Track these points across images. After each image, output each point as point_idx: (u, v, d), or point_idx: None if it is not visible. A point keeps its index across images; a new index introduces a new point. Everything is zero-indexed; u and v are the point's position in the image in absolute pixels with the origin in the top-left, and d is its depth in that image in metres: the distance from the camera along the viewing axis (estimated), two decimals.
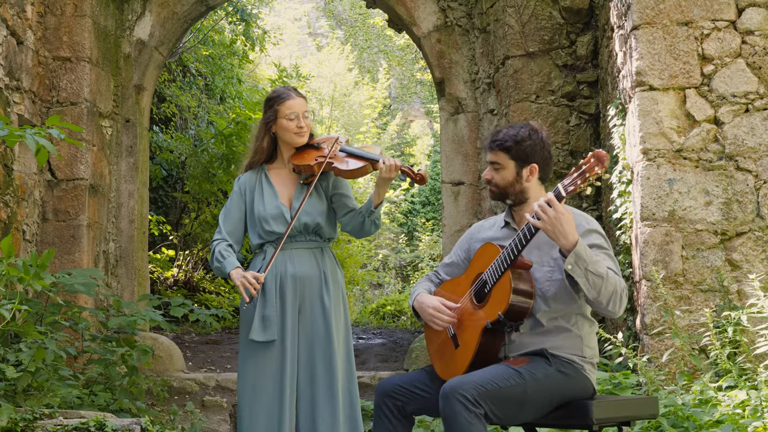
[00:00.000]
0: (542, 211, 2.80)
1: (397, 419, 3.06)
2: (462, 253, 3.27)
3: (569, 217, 2.81)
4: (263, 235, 3.66)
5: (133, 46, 6.76)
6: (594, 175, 2.76)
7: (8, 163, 5.43)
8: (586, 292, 2.86)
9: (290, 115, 3.65)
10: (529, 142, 3.06)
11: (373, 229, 3.68)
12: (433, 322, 3.08)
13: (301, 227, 3.64)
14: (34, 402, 4.10)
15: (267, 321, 3.58)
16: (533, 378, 2.88)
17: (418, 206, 17.69)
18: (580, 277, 2.83)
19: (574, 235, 2.81)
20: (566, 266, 2.82)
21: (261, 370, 3.59)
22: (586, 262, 2.81)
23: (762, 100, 4.65)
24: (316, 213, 3.66)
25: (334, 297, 3.66)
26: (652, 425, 3.86)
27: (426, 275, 3.37)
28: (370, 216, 3.63)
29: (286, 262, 3.64)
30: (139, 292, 6.66)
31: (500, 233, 3.15)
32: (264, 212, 3.65)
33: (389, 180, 3.59)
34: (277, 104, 3.67)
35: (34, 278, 3.76)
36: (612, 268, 2.93)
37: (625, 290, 2.91)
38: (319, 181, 3.70)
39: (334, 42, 21.44)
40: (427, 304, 3.11)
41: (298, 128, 3.66)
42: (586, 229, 3.00)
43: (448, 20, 6.76)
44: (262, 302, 3.60)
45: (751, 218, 4.60)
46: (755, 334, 4.32)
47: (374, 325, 11.39)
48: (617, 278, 2.90)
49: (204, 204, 10.26)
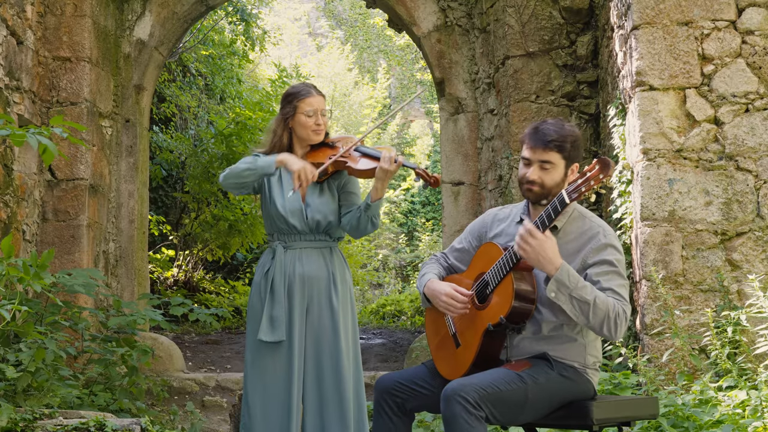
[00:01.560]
0: (524, 241, 2.77)
1: (397, 416, 3.04)
2: (474, 240, 3.20)
3: (551, 243, 2.77)
4: (278, 224, 3.65)
5: (133, 46, 6.76)
6: (598, 183, 2.70)
7: (8, 163, 5.42)
8: (574, 318, 2.81)
9: (309, 112, 3.63)
10: (577, 141, 2.98)
11: (369, 227, 3.62)
12: (447, 309, 3.02)
13: (313, 225, 3.63)
14: (34, 402, 4.10)
15: (275, 321, 3.56)
16: (534, 382, 2.86)
17: (418, 206, 17.69)
18: (564, 303, 2.79)
19: (557, 261, 2.77)
20: (548, 293, 2.78)
21: (269, 370, 3.58)
22: (569, 288, 2.77)
23: (762, 100, 4.65)
24: (328, 211, 3.64)
25: (342, 297, 3.65)
26: (652, 425, 3.86)
27: (434, 256, 3.30)
28: (367, 211, 3.58)
29: (295, 262, 3.62)
30: (139, 292, 6.66)
31: (515, 229, 3.05)
32: (284, 207, 3.63)
33: (387, 174, 3.51)
34: (297, 100, 3.65)
35: (34, 278, 3.75)
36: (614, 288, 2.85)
37: (621, 314, 2.81)
38: (332, 179, 3.69)
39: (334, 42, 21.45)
40: (440, 291, 3.04)
41: (316, 125, 3.65)
42: (603, 243, 2.92)
43: (448, 20, 6.76)
44: (270, 302, 3.58)
45: (751, 218, 4.60)
46: (755, 334, 4.32)
47: (374, 325, 11.39)
48: (612, 302, 2.81)
49: (204, 204, 10.26)
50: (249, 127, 9.65)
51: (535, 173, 2.96)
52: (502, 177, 6.24)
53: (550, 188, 2.95)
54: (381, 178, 3.53)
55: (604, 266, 2.89)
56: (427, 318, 3.24)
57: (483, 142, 6.65)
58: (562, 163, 2.95)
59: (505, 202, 6.12)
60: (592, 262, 2.90)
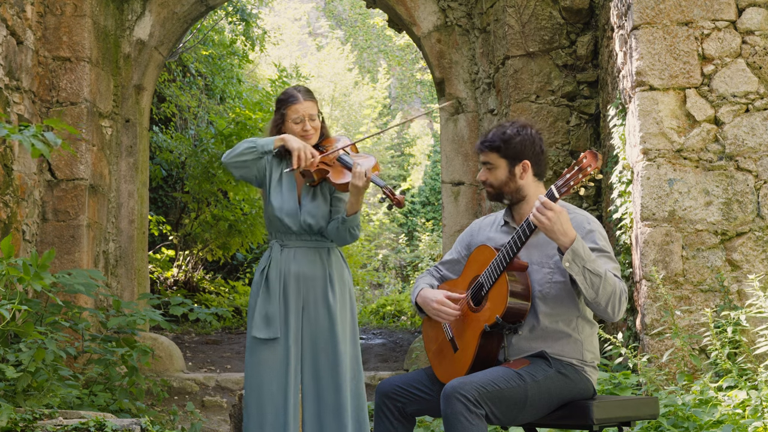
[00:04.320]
0: (540, 213, 2.80)
1: (398, 420, 3.06)
2: (463, 249, 3.25)
3: (566, 215, 2.81)
4: (275, 226, 3.67)
5: (133, 46, 6.76)
6: (587, 176, 2.74)
7: (8, 163, 5.42)
8: (584, 292, 2.85)
9: (296, 119, 3.66)
10: (518, 138, 3.04)
11: (348, 238, 3.64)
12: (438, 316, 3.05)
13: (306, 227, 3.64)
14: (33, 402, 4.10)
15: (270, 318, 3.58)
16: (533, 380, 2.88)
17: (418, 206, 17.69)
18: (577, 275, 2.82)
19: (572, 232, 2.81)
20: (564, 263, 2.82)
21: (265, 368, 3.59)
22: (584, 259, 2.81)
23: (762, 100, 4.65)
24: (319, 216, 3.66)
25: (340, 297, 3.66)
26: (652, 425, 3.86)
27: (427, 270, 3.35)
28: (344, 224, 3.60)
29: (290, 261, 3.64)
30: (138, 292, 6.66)
31: (500, 232, 3.14)
32: (282, 208, 3.65)
33: (359, 188, 3.53)
34: (284, 108, 3.69)
35: (34, 278, 3.76)
36: (611, 270, 2.92)
37: (624, 293, 2.89)
38: (324, 183, 3.71)
39: (334, 42, 21.45)
40: (431, 298, 3.09)
41: (304, 131, 3.68)
42: (587, 230, 2.99)
43: (448, 20, 6.76)
44: (265, 299, 3.60)
45: (751, 218, 4.60)
46: (755, 334, 4.32)
47: (374, 325, 11.39)
48: (616, 280, 2.88)
49: (204, 204, 10.26)
50: (249, 127, 9.65)
51: (483, 174, 3.12)
52: None
53: (499, 187, 3.08)
54: (354, 193, 3.56)
55: (595, 252, 2.93)
56: (425, 324, 3.26)
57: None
58: (502, 162, 3.06)
59: None
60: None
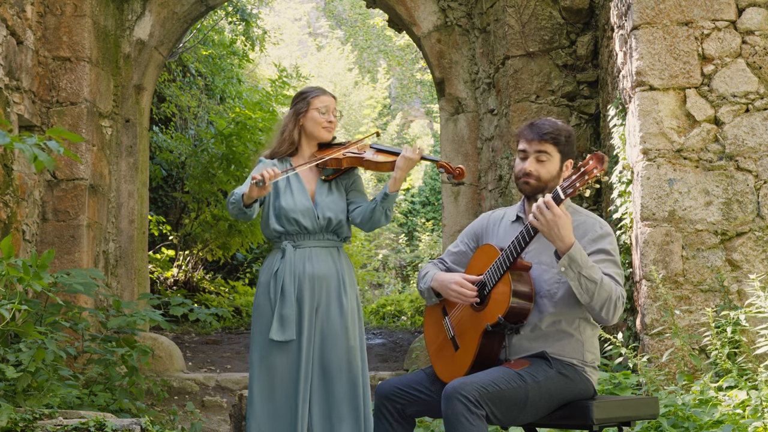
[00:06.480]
0: (540, 213, 2.80)
1: (397, 422, 3.05)
2: (471, 242, 3.22)
3: (566, 221, 2.79)
4: (286, 226, 3.66)
5: (133, 46, 6.76)
6: (593, 178, 2.73)
7: (8, 163, 5.43)
8: (578, 296, 2.85)
9: (322, 108, 3.71)
10: (571, 137, 3.05)
11: (383, 219, 3.65)
12: (459, 298, 3.01)
13: (324, 223, 3.65)
14: (33, 402, 4.10)
15: (285, 320, 3.58)
16: (534, 380, 2.88)
17: (418, 206, 17.69)
18: (573, 280, 2.82)
19: (570, 238, 2.80)
20: (559, 267, 2.82)
21: (278, 370, 3.59)
22: (579, 266, 2.80)
23: (762, 100, 4.65)
24: (338, 210, 3.68)
25: (351, 297, 3.68)
26: (652, 425, 3.86)
27: (431, 261, 3.32)
28: (383, 202, 3.60)
29: (305, 262, 3.64)
30: (139, 292, 6.66)
31: (511, 229, 3.10)
32: (294, 207, 3.64)
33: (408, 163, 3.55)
34: (311, 97, 3.73)
35: (34, 278, 3.75)
36: (612, 275, 2.91)
37: (621, 299, 2.88)
38: (340, 178, 3.72)
39: (334, 42, 21.45)
40: (449, 280, 3.04)
41: (328, 122, 3.72)
42: (599, 234, 2.98)
43: (448, 20, 6.76)
44: (281, 302, 3.60)
45: (751, 218, 4.60)
46: (755, 334, 4.32)
47: (374, 325, 11.39)
48: (614, 285, 2.88)
49: (204, 204, 10.26)
50: (249, 127, 9.65)
51: (532, 165, 3.01)
52: (502, 177, 6.24)
53: (546, 181, 3.01)
54: (401, 167, 3.56)
55: (601, 255, 2.94)
56: (426, 322, 3.25)
57: (483, 142, 6.66)
58: (557, 155, 3.01)
59: (505, 201, 6.13)
60: (589, 251, 2.94)
